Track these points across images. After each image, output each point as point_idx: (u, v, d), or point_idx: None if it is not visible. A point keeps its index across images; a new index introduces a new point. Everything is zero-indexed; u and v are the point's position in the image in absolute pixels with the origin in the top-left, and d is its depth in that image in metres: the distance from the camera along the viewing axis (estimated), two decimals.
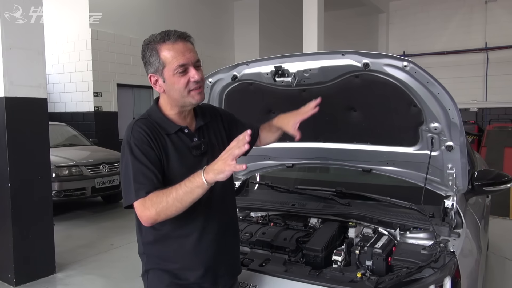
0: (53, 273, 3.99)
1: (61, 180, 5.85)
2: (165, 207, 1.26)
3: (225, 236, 1.55)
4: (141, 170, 1.32)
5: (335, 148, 2.35)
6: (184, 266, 1.46)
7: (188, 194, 1.25)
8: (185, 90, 1.39)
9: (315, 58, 1.90)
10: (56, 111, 9.02)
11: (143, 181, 1.31)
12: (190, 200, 1.26)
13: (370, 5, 11.92)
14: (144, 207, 1.29)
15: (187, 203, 1.26)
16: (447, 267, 1.65)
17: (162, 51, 1.37)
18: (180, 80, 1.38)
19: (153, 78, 1.43)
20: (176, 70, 1.37)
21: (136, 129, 1.38)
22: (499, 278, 3.87)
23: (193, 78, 1.38)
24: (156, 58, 1.38)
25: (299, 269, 1.87)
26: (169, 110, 1.47)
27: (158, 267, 1.47)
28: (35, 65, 3.81)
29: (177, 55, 1.36)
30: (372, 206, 2.26)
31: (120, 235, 5.21)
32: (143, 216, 1.30)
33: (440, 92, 1.77)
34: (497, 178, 2.38)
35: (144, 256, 1.50)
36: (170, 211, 1.27)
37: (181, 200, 1.25)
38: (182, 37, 1.39)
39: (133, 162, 1.34)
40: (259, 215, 2.46)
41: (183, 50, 1.37)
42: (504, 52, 11.34)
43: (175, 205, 1.26)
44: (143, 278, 1.54)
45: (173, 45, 1.37)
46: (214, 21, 11.12)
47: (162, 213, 1.27)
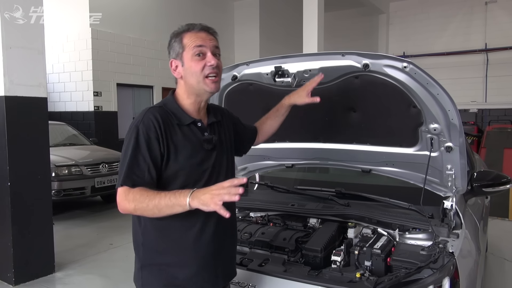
0: (53, 273, 3.99)
1: (60, 180, 5.85)
2: (143, 208, 1.30)
3: (225, 234, 1.55)
4: (138, 160, 1.35)
5: (335, 149, 2.36)
6: (182, 261, 1.44)
7: (168, 207, 1.27)
8: (201, 75, 1.44)
9: (315, 58, 1.91)
10: (56, 111, 9.02)
11: (135, 171, 1.34)
12: (168, 212, 1.29)
13: (370, 5, 11.92)
14: (125, 197, 1.32)
15: (164, 214, 1.30)
16: (446, 268, 1.65)
17: (185, 37, 1.46)
18: (197, 64, 1.44)
19: (174, 64, 1.50)
20: (194, 52, 1.43)
21: (148, 116, 1.40)
22: (498, 279, 3.88)
23: (209, 63, 1.44)
24: (178, 43, 1.46)
25: (298, 269, 1.87)
26: (186, 99, 1.50)
27: (154, 263, 1.45)
28: (35, 64, 3.81)
29: (197, 38, 1.45)
30: (372, 207, 2.26)
31: (119, 235, 5.21)
32: (121, 205, 1.33)
33: (440, 93, 1.77)
34: (496, 179, 2.38)
35: (141, 249, 1.47)
36: (147, 214, 1.32)
37: (160, 209, 1.28)
38: (205, 29, 1.48)
39: (134, 148, 1.36)
40: (258, 215, 2.46)
41: (205, 37, 1.46)
42: (504, 53, 11.34)
43: (153, 211, 1.30)
44: (136, 276, 1.50)
45: (196, 33, 1.46)
46: (214, 21, 11.09)
47: (139, 211, 1.32)
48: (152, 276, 1.45)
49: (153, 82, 9.90)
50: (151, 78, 9.81)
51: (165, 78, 10.05)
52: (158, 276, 1.44)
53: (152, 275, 1.45)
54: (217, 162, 1.52)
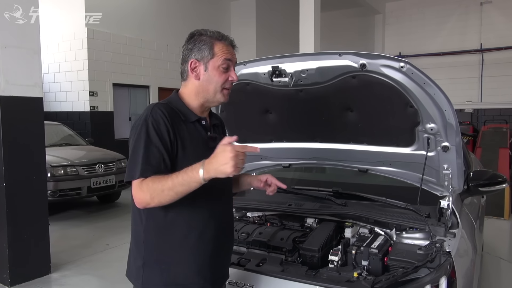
0: (49, 273, 3.97)
1: (56, 180, 5.82)
2: (159, 195, 1.30)
3: (224, 234, 1.56)
4: (152, 152, 1.35)
5: (332, 149, 2.36)
6: (184, 260, 1.44)
7: (184, 186, 1.29)
8: (220, 86, 1.49)
9: (312, 58, 1.91)
10: (52, 111, 8.97)
11: (151, 162, 1.34)
12: (185, 192, 1.30)
13: (366, 6, 11.95)
14: (140, 189, 1.32)
15: (182, 194, 1.31)
16: (443, 267, 1.66)
17: (217, 45, 1.49)
18: (221, 75, 1.48)
19: (194, 64, 1.49)
20: (222, 64, 1.47)
21: (156, 110, 1.41)
22: (494, 277, 3.90)
23: (231, 78, 1.50)
24: (208, 47, 1.48)
25: (295, 269, 1.87)
26: (193, 100, 1.52)
27: (156, 261, 1.44)
28: (31, 64, 3.79)
29: (227, 52, 1.50)
30: (369, 206, 2.26)
31: (116, 235, 5.19)
32: (137, 197, 1.33)
33: (436, 93, 1.78)
34: (492, 178, 2.39)
35: (143, 247, 1.46)
36: (165, 200, 1.31)
37: (176, 191, 1.29)
38: (232, 44, 1.54)
39: (146, 141, 1.36)
40: (255, 215, 2.46)
41: (232, 52, 1.53)
42: (499, 53, 11.40)
43: (169, 195, 1.30)
44: (135, 274, 1.48)
45: (226, 45, 1.51)
46: (211, 20, 11.11)
47: (156, 199, 1.31)
48: (153, 275, 1.45)
49: (150, 82, 9.88)
50: (147, 78, 9.79)
51: (161, 78, 10.03)
52: (160, 274, 1.44)
53: (153, 274, 1.45)
54: None
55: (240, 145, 1.29)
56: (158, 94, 10.03)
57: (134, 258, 1.51)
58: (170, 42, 9.99)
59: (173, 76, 10.01)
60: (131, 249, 1.54)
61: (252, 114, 2.39)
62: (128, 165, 1.38)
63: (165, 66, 10.07)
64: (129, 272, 1.54)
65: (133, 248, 1.52)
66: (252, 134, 2.52)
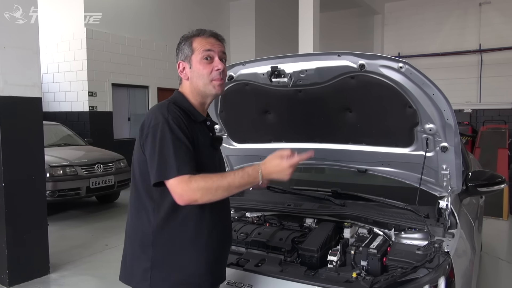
0: (47, 274, 3.96)
1: (55, 180, 5.82)
2: (212, 193, 1.33)
3: (227, 233, 1.60)
4: (182, 148, 1.35)
5: (331, 149, 2.36)
6: (194, 260, 1.44)
7: (240, 187, 1.35)
8: (208, 78, 1.49)
9: (311, 58, 1.91)
10: (51, 111, 8.97)
11: (185, 158, 1.34)
12: (237, 192, 1.36)
13: (365, 6, 11.97)
14: (188, 186, 1.31)
15: (233, 193, 1.36)
16: (441, 267, 1.66)
17: (195, 41, 1.51)
18: (205, 67, 1.49)
19: (181, 66, 1.54)
20: (202, 55, 1.48)
21: (172, 109, 1.41)
22: (492, 278, 3.90)
23: (216, 67, 1.49)
24: (188, 46, 1.51)
25: (294, 269, 1.87)
26: (192, 100, 1.53)
27: (166, 262, 1.43)
28: (30, 64, 3.79)
29: (206, 43, 1.51)
30: (367, 207, 2.27)
31: (115, 235, 5.18)
32: (186, 196, 1.32)
33: (435, 93, 1.78)
34: (491, 179, 2.40)
35: (150, 249, 1.44)
36: (215, 197, 1.35)
37: (230, 191, 1.35)
38: (214, 35, 1.54)
39: (172, 139, 1.35)
40: (254, 215, 2.46)
41: (213, 43, 1.52)
42: (497, 54, 11.42)
43: (222, 194, 1.35)
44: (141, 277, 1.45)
45: (205, 38, 1.52)
46: (210, 21, 11.10)
47: (206, 197, 1.33)
48: (163, 276, 1.44)
49: (149, 82, 9.88)
50: (146, 78, 9.78)
51: (160, 78, 10.03)
52: (170, 275, 1.44)
53: (163, 275, 1.44)
54: (220, 162, 1.60)
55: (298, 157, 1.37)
56: (157, 94, 10.03)
57: (137, 260, 1.48)
58: (169, 43, 9.98)
59: (172, 76, 10.00)
60: (133, 252, 1.50)
61: (251, 114, 2.39)
62: (157, 164, 1.34)
63: (164, 66, 10.07)
64: (128, 275, 1.51)
65: (137, 250, 1.49)
66: (251, 134, 2.52)
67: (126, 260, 1.54)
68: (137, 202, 1.48)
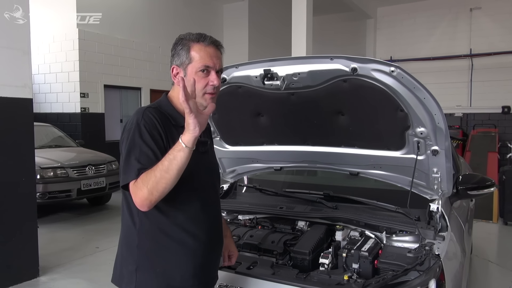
0: (37, 277, 3.92)
1: (45, 182, 5.76)
2: (154, 181, 1.27)
3: (217, 236, 1.58)
4: (147, 154, 1.34)
5: (323, 152, 2.37)
6: (180, 263, 1.43)
7: (172, 161, 1.26)
8: (201, 91, 1.44)
9: (304, 62, 1.92)
10: (42, 112, 8.88)
11: (146, 163, 1.32)
12: (176, 168, 1.26)
13: (358, 10, 12.04)
14: (136, 187, 1.30)
15: (174, 172, 1.26)
16: (432, 270, 1.67)
17: (193, 49, 1.44)
18: (200, 80, 1.42)
19: (175, 70, 1.48)
20: (199, 69, 1.42)
21: (147, 114, 1.40)
22: (482, 280, 3.94)
23: (212, 82, 1.44)
24: (185, 52, 1.44)
25: (286, 272, 1.88)
26: (179, 105, 1.48)
27: (151, 265, 1.42)
28: (21, 65, 3.75)
29: (205, 56, 1.43)
30: (359, 210, 2.28)
31: (105, 238, 5.15)
32: (137, 197, 1.30)
33: (426, 97, 1.80)
34: (481, 182, 2.43)
35: (136, 251, 1.44)
36: (161, 185, 1.27)
37: (167, 169, 1.26)
38: (215, 44, 1.47)
39: (140, 144, 1.34)
40: (246, 218, 2.46)
41: (212, 54, 1.45)
42: (488, 58, 11.55)
43: (165, 179, 1.26)
44: (127, 279, 1.46)
45: (205, 47, 1.45)
46: (203, 24, 11.09)
47: (154, 189, 1.27)
48: (148, 279, 1.43)
49: (141, 84, 9.83)
50: (139, 80, 9.74)
51: (153, 80, 9.98)
52: (155, 278, 1.43)
53: (148, 278, 1.43)
54: (210, 165, 1.58)
55: (196, 110, 1.28)
56: (150, 96, 9.98)
57: (125, 263, 1.48)
58: (162, 44, 9.95)
59: (165, 78, 9.96)
60: (121, 254, 1.52)
61: (243, 117, 2.39)
62: (123, 168, 1.35)
63: (157, 68, 10.03)
64: (118, 277, 1.51)
65: (124, 253, 1.50)
66: (244, 136, 2.52)
67: (117, 261, 1.54)
68: (125, 203, 1.47)
